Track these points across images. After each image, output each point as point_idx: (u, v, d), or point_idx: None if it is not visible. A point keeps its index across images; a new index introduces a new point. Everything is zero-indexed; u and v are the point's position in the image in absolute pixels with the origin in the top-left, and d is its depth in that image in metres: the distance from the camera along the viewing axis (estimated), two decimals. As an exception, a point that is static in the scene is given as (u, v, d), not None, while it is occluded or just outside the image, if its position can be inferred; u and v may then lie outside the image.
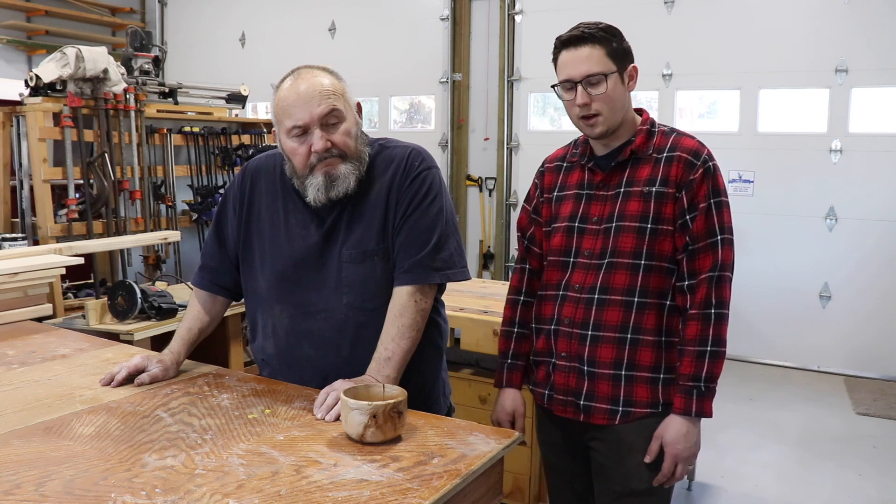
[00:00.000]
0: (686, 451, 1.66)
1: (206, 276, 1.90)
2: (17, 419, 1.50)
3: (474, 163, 6.56)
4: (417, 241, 1.69)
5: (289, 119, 1.64)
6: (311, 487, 1.21)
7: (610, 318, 1.69)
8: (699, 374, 1.64)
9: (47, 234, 3.70)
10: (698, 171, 1.67)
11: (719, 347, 1.65)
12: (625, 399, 1.70)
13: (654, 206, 1.67)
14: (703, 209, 1.66)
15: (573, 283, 1.74)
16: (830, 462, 3.73)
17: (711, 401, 1.66)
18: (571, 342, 1.73)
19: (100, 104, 3.92)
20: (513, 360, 1.90)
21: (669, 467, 1.67)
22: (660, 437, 1.67)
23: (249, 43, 7.48)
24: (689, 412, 1.64)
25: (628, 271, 1.68)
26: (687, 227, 1.67)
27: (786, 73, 5.24)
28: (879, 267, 5.08)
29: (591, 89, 1.65)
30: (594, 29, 1.67)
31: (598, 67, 1.64)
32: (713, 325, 1.64)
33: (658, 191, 1.67)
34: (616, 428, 1.72)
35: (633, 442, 1.71)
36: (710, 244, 1.66)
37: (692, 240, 1.67)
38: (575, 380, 1.74)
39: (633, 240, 1.68)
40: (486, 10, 6.35)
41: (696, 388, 1.64)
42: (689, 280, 1.67)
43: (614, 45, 1.67)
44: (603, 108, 1.66)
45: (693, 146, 1.70)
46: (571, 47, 1.67)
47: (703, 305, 1.65)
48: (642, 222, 1.68)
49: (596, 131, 1.69)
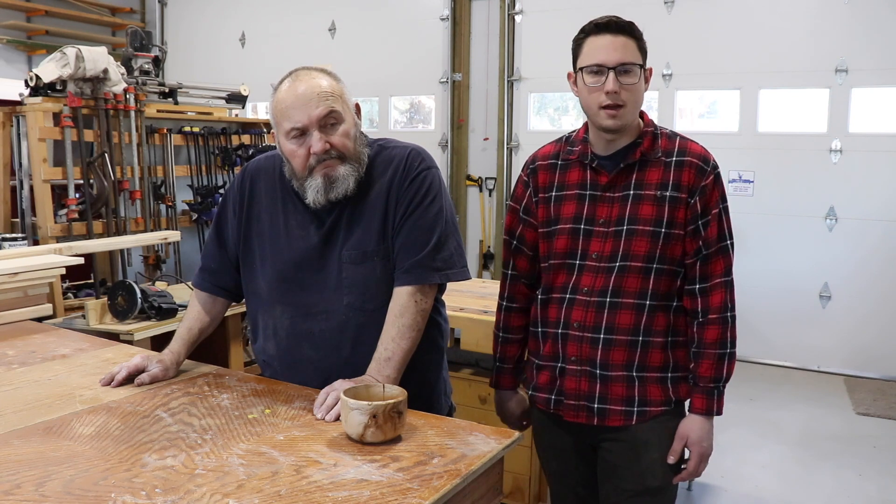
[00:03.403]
0: (710, 449, 1.74)
1: (206, 278, 1.89)
2: (17, 419, 1.50)
3: (474, 163, 6.56)
4: (417, 242, 1.69)
5: (287, 121, 1.64)
6: (311, 487, 1.21)
7: (622, 321, 1.69)
8: (720, 376, 1.70)
9: (47, 234, 3.70)
10: (710, 177, 1.68)
11: (734, 349, 1.71)
12: (639, 399, 1.71)
13: (668, 210, 1.67)
14: (715, 215, 1.68)
15: (581, 287, 1.72)
16: (830, 462, 3.73)
17: (723, 399, 1.73)
18: (582, 346, 1.72)
19: (100, 104, 3.92)
20: (500, 364, 1.94)
21: (696, 464, 1.74)
22: (684, 437, 1.72)
23: (249, 43, 7.48)
24: (711, 412, 1.71)
25: (640, 275, 1.68)
26: (699, 233, 1.68)
27: (786, 73, 5.24)
28: (879, 267, 5.08)
29: (623, 78, 1.63)
30: (628, 22, 1.67)
31: (633, 57, 1.64)
32: (730, 328, 1.70)
33: (672, 195, 1.67)
34: (632, 428, 1.72)
35: (648, 439, 1.72)
36: (721, 248, 1.69)
37: (706, 245, 1.68)
38: (587, 384, 1.73)
39: (647, 244, 1.67)
40: (486, 10, 6.35)
41: (716, 388, 1.70)
42: (702, 283, 1.69)
43: (643, 42, 1.68)
44: (629, 99, 1.65)
45: (701, 152, 1.72)
46: (609, 33, 1.64)
47: (721, 309, 1.69)
48: (656, 226, 1.67)
49: (617, 123, 1.66)
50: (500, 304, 1.93)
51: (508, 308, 1.90)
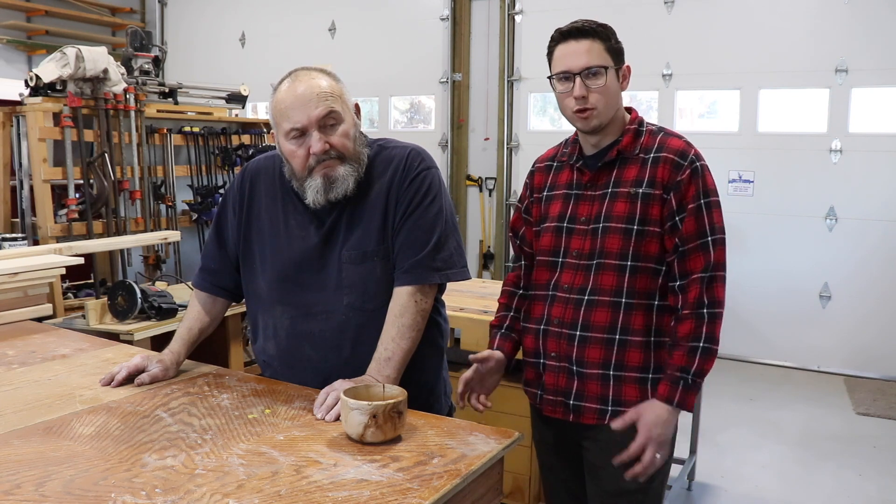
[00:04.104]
0: (660, 437, 1.64)
1: (206, 278, 1.90)
2: (17, 419, 1.50)
3: (474, 163, 6.56)
4: (417, 242, 1.69)
5: (287, 121, 1.64)
6: (311, 487, 1.21)
7: (598, 318, 1.69)
8: (689, 367, 1.64)
9: (47, 234, 3.70)
10: (685, 172, 1.67)
11: (712, 345, 1.65)
12: (614, 399, 1.71)
13: (641, 207, 1.67)
14: (691, 210, 1.66)
15: (562, 284, 1.75)
16: (830, 462, 3.73)
17: (695, 396, 1.66)
18: (560, 342, 1.74)
19: (100, 104, 3.92)
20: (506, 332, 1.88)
21: (639, 446, 1.64)
22: (638, 414, 1.65)
23: (249, 43, 7.48)
24: (672, 401, 1.63)
25: (615, 272, 1.69)
26: (677, 229, 1.67)
27: (786, 73, 5.24)
28: (879, 267, 5.08)
29: (590, 82, 1.66)
30: (594, 24, 1.68)
31: (599, 60, 1.66)
32: (706, 323, 1.64)
33: (644, 192, 1.68)
34: (606, 427, 1.72)
35: (623, 441, 1.71)
36: (701, 245, 1.66)
37: (682, 241, 1.66)
38: (565, 380, 1.75)
39: (620, 241, 1.68)
40: (486, 10, 6.35)
41: (683, 379, 1.64)
42: (681, 280, 1.67)
43: (613, 42, 1.69)
44: (599, 101, 1.67)
45: (679, 146, 1.70)
46: (572, 39, 1.68)
47: (695, 305, 1.65)
48: (628, 223, 1.68)
49: (591, 124, 1.69)
50: (509, 290, 1.93)
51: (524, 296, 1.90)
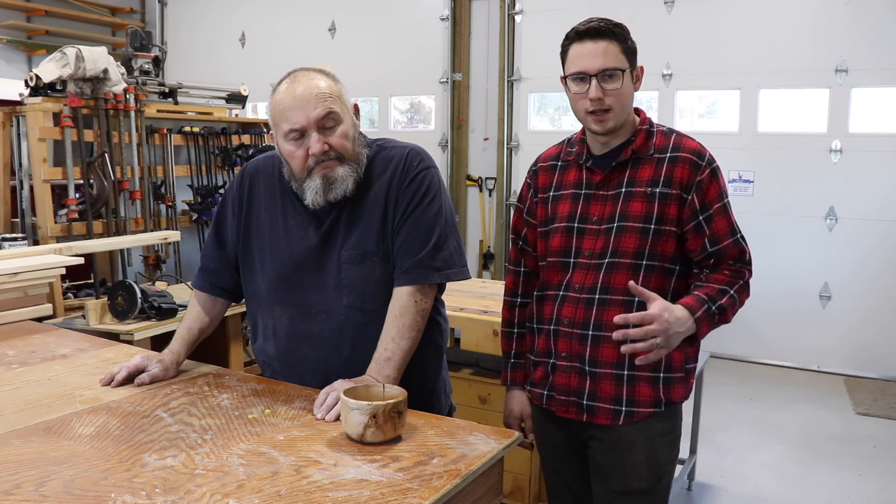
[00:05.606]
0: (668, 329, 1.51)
1: (205, 278, 1.90)
2: (17, 419, 1.50)
3: (474, 163, 6.56)
4: (417, 242, 1.69)
5: (286, 122, 1.64)
6: (311, 487, 1.21)
7: (611, 317, 1.68)
8: (716, 299, 1.61)
9: (47, 234, 3.70)
10: (705, 172, 1.67)
11: (736, 301, 1.64)
12: (628, 399, 1.71)
13: (658, 206, 1.67)
14: (718, 209, 1.67)
15: (573, 284, 1.74)
16: (830, 462, 3.73)
17: (709, 328, 1.62)
18: (572, 342, 1.73)
19: (100, 104, 3.92)
20: (515, 360, 1.92)
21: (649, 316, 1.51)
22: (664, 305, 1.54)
23: (249, 43, 7.48)
24: (694, 312, 1.57)
25: (629, 271, 1.68)
26: (702, 229, 1.67)
27: (786, 73, 5.24)
28: (879, 267, 5.08)
29: (606, 84, 1.64)
30: (611, 24, 1.66)
31: (615, 62, 1.64)
32: (739, 285, 1.65)
33: (662, 191, 1.67)
34: (618, 427, 1.72)
35: (633, 442, 1.72)
36: (734, 242, 1.68)
37: (714, 240, 1.67)
38: (577, 380, 1.74)
39: (636, 240, 1.68)
40: (486, 10, 6.35)
41: (708, 304, 1.60)
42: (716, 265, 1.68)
43: (629, 43, 1.67)
44: (615, 103, 1.65)
45: (696, 147, 1.71)
46: (588, 40, 1.65)
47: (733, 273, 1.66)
48: (645, 223, 1.68)
49: (607, 126, 1.68)
50: (510, 301, 1.93)
51: (522, 304, 1.91)
